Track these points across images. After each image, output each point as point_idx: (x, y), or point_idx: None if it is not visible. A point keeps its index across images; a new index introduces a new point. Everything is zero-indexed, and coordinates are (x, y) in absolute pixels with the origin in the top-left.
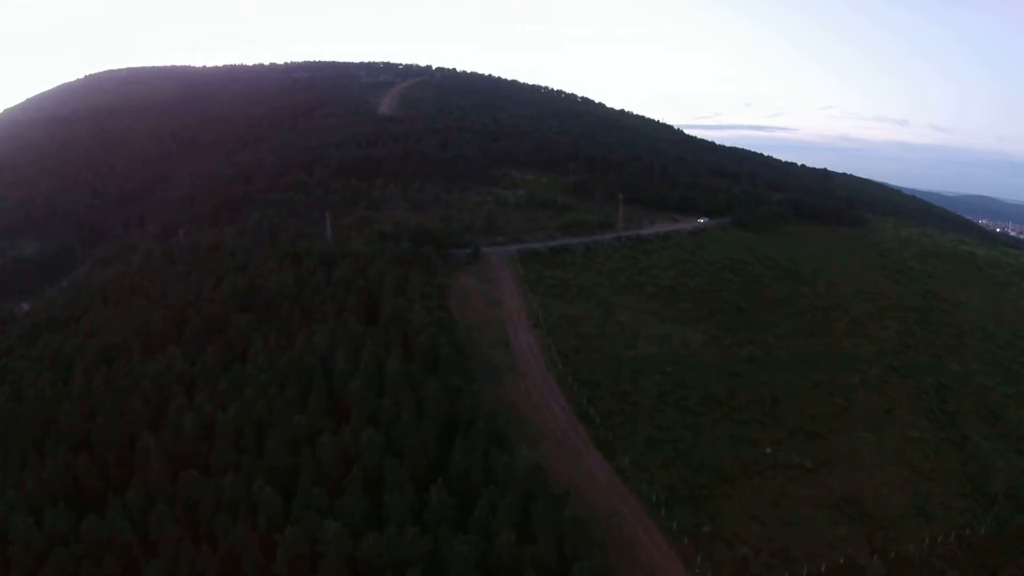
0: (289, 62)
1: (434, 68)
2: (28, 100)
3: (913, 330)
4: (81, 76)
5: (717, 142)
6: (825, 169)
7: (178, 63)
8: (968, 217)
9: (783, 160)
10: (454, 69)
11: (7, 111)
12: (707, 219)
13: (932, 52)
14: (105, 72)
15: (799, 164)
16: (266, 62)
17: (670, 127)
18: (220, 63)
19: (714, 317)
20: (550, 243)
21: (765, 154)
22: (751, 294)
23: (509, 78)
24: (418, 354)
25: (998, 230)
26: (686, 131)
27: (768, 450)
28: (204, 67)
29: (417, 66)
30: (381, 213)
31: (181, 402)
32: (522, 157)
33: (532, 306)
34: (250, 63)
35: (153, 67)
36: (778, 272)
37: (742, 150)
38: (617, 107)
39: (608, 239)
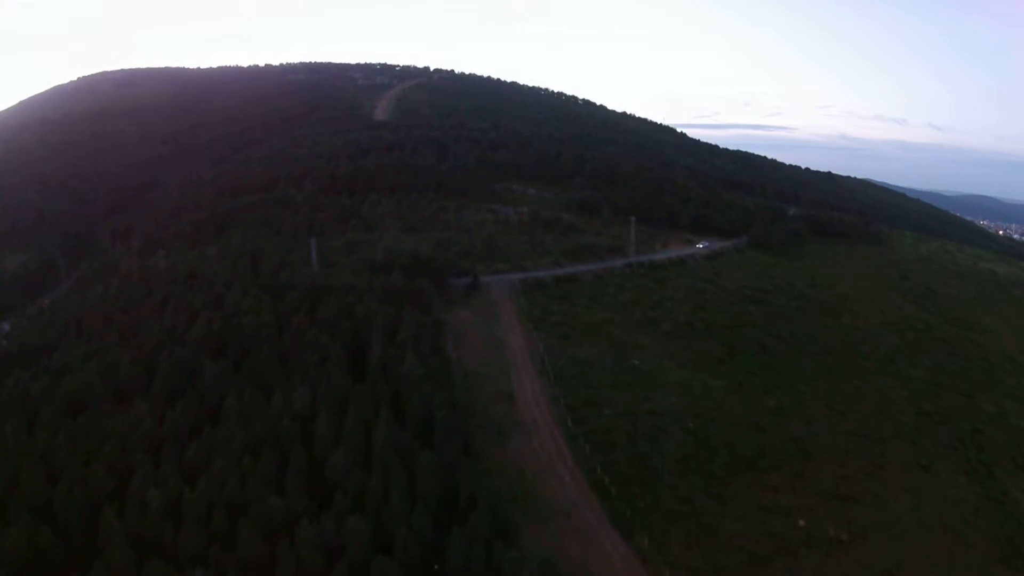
0: (285, 63)
1: (432, 70)
2: (20, 103)
3: (943, 366)
4: (75, 78)
5: (717, 142)
6: (829, 172)
7: (174, 64)
8: (969, 218)
9: (787, 163)
10: (452, 71)
11: None
12: (706, 244)
13: (930, 51)
14: (99, 74)
15: (803, 167)
16: (262, 63)
17: (673, 130)
18: (216, 64)
19: (736, 358)
20: (556, 271)
21: (768, 156)
22: (775, 329)
23: (509, 80)
24: (410, 417)
25: (1001, 232)
26: (685, 131)
27: (801, 523)
28: (199, 68)
29: (415, 67)
30: (373, 235)
31: (146, 472)
32: (524, 169)
33: (537, 347)
34: (246, 64)
35: (147, 68)
36: (801, 302)
37: (747, 153)
38: (619, 109)
39: (618, 266)
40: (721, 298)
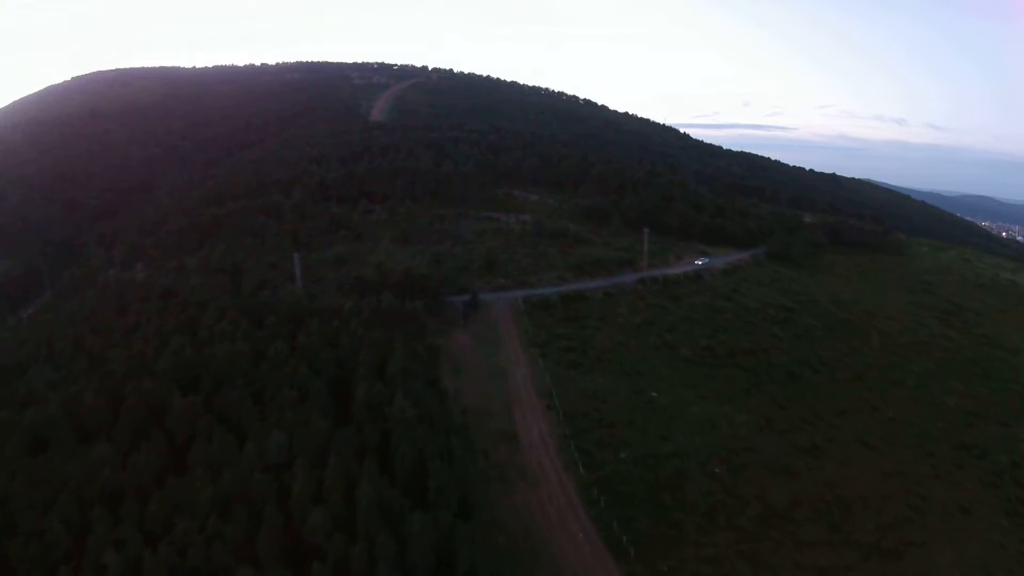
0: (281, 63)
1: (431, 69)
2: (12, 103)
3: (977, 391)
4: (68, 78)
5: (717, 142)
6: (834, 174)
7: (169, 64)
8: (969, 219)
9: (791, 165)
10: (451, 70)
11: None
12: (706, 260)
13: (928, 52)
14: (93, 74)
15: (807, 169)
16: (258, 63)
17: (675, 130)
18: (211, 64)
19: (763, 388)
20: (562, 288)
21: (770, 157)
22: (802, 354)
23: (509, 80)
24: (400, 468)
25: (1004, 235)
26: (685, 130)
27: None
28: (193, 68)
29: (413, 67)
30: (364, 245)
31: (104, 528)
32: (526, 174)
33: (543, 377)
34: (242, 64)
35: (141, 68)
36: (828, 322)
37: (751, 155)
38: (620, 110)
39: (630, 281)
40: (743, 318)
